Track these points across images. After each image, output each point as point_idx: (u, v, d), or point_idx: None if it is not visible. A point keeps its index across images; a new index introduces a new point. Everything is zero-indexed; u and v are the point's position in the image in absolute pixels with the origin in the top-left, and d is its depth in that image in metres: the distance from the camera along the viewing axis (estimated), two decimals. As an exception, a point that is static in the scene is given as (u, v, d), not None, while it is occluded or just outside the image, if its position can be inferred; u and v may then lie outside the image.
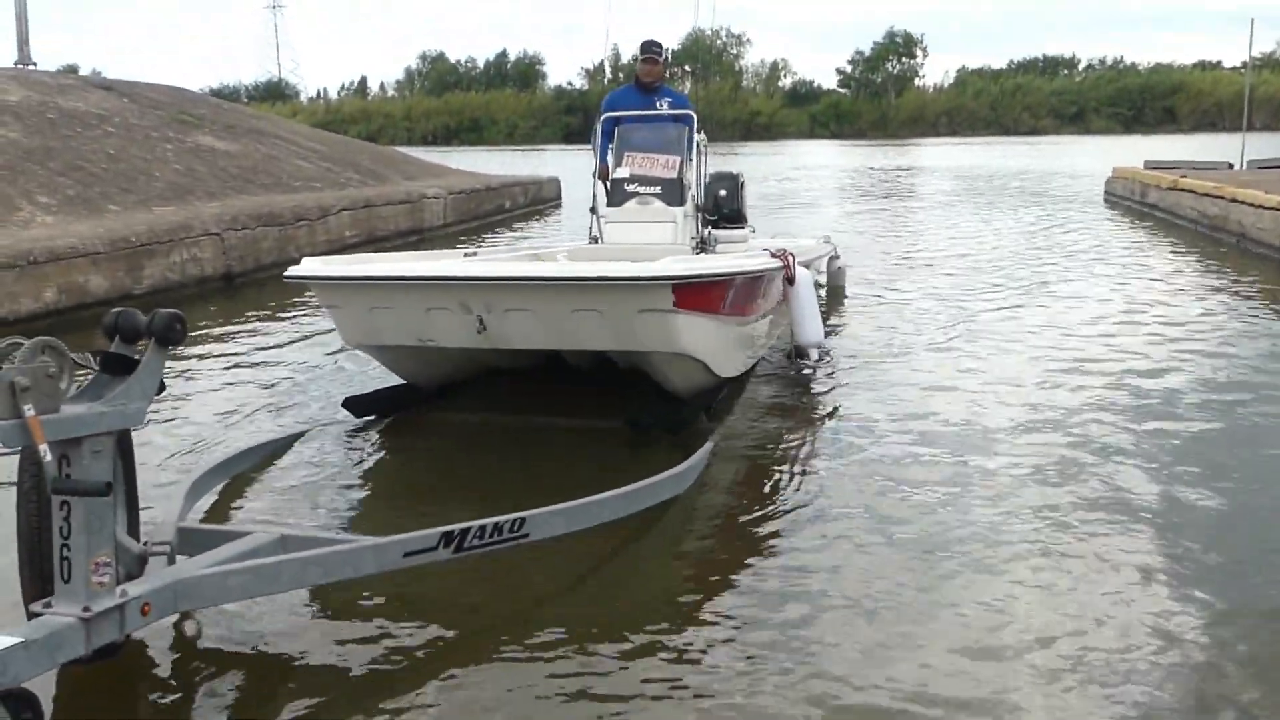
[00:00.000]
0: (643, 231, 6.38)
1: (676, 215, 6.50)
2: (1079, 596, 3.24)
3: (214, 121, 15.04)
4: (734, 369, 5.39)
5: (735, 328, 5.24)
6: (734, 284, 4.99)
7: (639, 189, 6.59)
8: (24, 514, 2.67)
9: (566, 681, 2.79)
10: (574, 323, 4.47)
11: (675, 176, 6.59)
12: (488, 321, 4.49)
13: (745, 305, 5.35)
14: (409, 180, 16.49)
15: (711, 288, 4.72)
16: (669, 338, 4.51)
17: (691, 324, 4.54)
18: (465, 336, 4.61)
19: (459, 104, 77.92)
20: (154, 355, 2.63)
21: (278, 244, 10.73)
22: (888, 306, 8.43)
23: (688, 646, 2.98)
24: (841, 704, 2.68)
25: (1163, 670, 2.80)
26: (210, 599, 2.85)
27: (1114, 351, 6.59)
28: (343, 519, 4.03)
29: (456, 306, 4.50)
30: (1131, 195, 17.88)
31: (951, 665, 2.84)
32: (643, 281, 4.31)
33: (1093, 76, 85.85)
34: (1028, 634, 3.00)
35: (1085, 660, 2.84)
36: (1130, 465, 4.44)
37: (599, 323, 4.45)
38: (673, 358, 4.70)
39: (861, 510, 3.97)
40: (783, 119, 77.96)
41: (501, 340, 4.62)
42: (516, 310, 4.46)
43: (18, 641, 2.31)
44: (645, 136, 6.81)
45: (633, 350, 4.73)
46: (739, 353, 5.45)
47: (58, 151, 10.87)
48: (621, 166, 6.70)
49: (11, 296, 7.42)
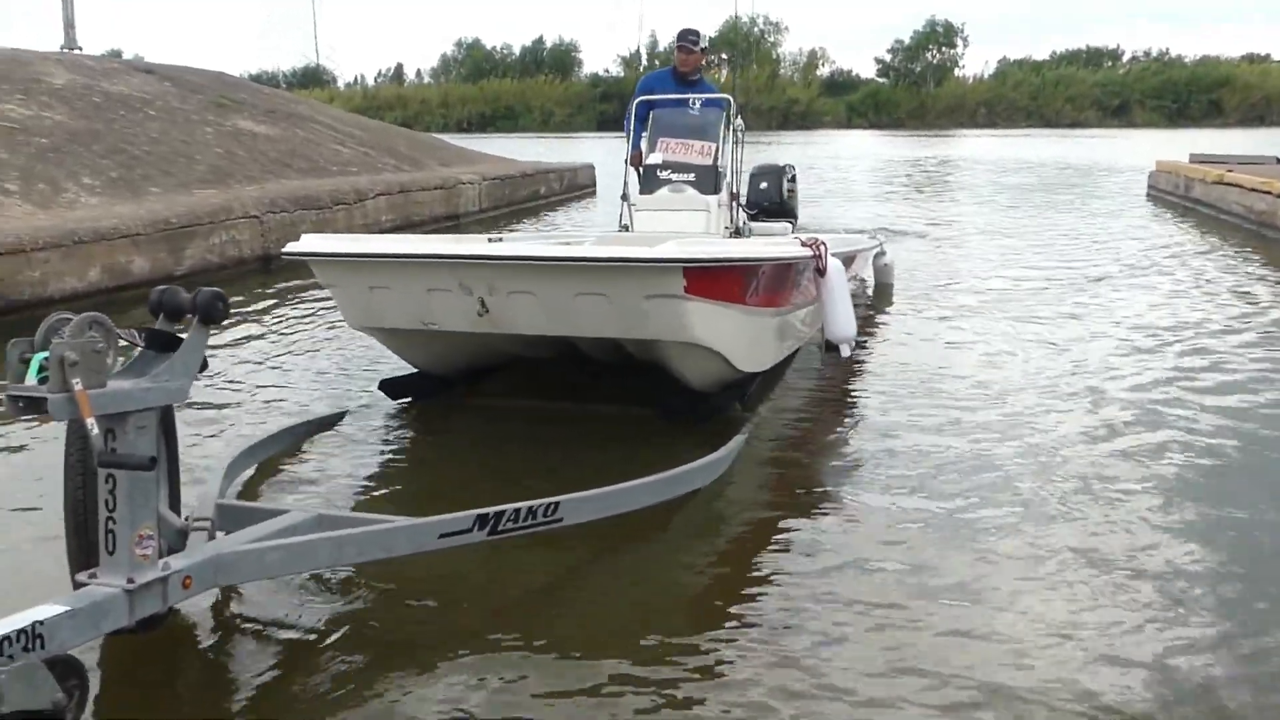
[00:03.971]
0: (674, 220, 6.15)
1: (710, 204, 6.28)
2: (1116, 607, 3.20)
3: (254, 106, 15.18)
4: (758, 363, 5.12)
5: (760, 319, 4.98)
6: (758, 272, 4.74)
7: (672, 176, 6.40)
8: (71, 486, 2.74)
9: (576, 676, 2.77)
10: (580, 308, 4.25)
11: (710, 163, 6.39)
12: (489, 304, 4.30)
13: (774, 295, 5.11)
14: (444, 166, 16.56)
15: (729, 274, 4.46)
16: (680, 326, 4.27)
17: (706, 312, 4.30)
18: (467, 320, 4.42)
19: (494, 91, 77.93)
20: (197, 333, 2.67)
21: (315, 227, 10.81)
22: (930, 305, 8.18)
23: (704, 649, 2.92)
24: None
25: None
26: (249, 574, 2.90)
27: (1160, 349, 6.49)
28: (377, 500, 4.08)
29: (456, 287, 4.30)
30: (1175, 190, 17.59)
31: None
32: (649, 264, 4.07)
33: (1137, 68, 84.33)
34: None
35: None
36: (1177, 464, 4.38)
37: (606, 308, 4.23)
38: (686, 348, 4.46)
39: (892, 507, 3.92)
40: (820, 108, 77.31)
41: (505, 325, 4.42)
42: (519, 293, 4.25)
43: (64, 610, 2.36)
44: (680, 121, 6.60)
45: (643, 339, 4.49)
46: (765, 346, 5.18)
47: (102, 134, 11.02)
48: (654, 152, 6.50)
49: (57, 275, 7.55)
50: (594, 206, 18.00)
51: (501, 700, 2.66)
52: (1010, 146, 41.60)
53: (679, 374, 4.73)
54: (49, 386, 2.36)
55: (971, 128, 69.95)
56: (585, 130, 65.77)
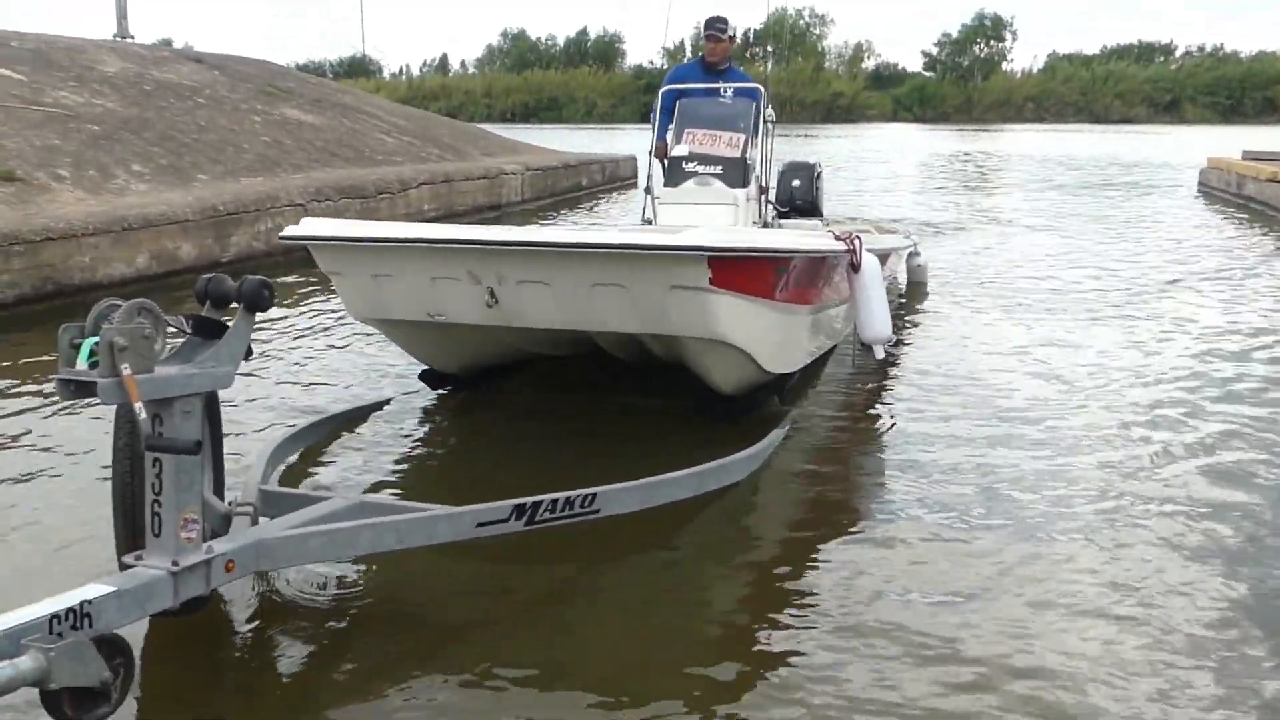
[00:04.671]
0: (699, 214, 5.82)
1: (738, 197, 6.01)
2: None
3: (301, 95, 15.34)
4: (787, 364, 4.83)
5: (790, 316, 4.65)
6: (789, 265, 4.41)
7: (698, 168, 6.11)
8: (118, 469, 2.79)
9: (592, 673, 2.77)
10: (596, 300, 3.94)
11: (738, 156, 6.11)
12: (499, 294, 4.02)
13: (805, 291, 4.80)
14: (488, 156, 16.63)
15: (758, 266, 4.13)
16: (705, 321, 3.97)
17: (733, 307, 3.99)
18: (476, 311, 4.14)
19: (538, 81, 78.20)
20: (242, 320, 2.71)
21: (359, 216, 10.91)
22: (966, 308, 7.90)
23: (724, 651, 2.89)
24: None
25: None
26: (290, 559, 2.94)
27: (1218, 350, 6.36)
28: (416, 488, 4.11)
29: (465, 276, 4.03)
30: (1227, 187, 17.25)
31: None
32: (672, 252, 3.75)
33: (1190, 64, 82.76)
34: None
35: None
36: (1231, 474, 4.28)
37: (625, 301, 3.92)
38: (711, 346, 4.16)
39: (927, 512, 3.83)
40: (864, 101, 76.70)
41: (516, 317, 4.13)
42: (530, 282, 3.96)
43: (110, 591, 2.41)
44: (708, 112, 6.32)
45: (664, 334, 4.19)
46: (795, 346, 4.87)
47: (152, 122, 11.19)
48: (681, 144, 6.23)
49: (107, 261, 7.69)
50: (635, 198, 17.98)
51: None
52: (1059, 142, 41.04)
53: (703, 374, 4.49)
54: (99, 371, 2.41)
55: (1018, 123, 68.96)
56: (628, 122, 65.67)
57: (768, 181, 6.43)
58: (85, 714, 2.26)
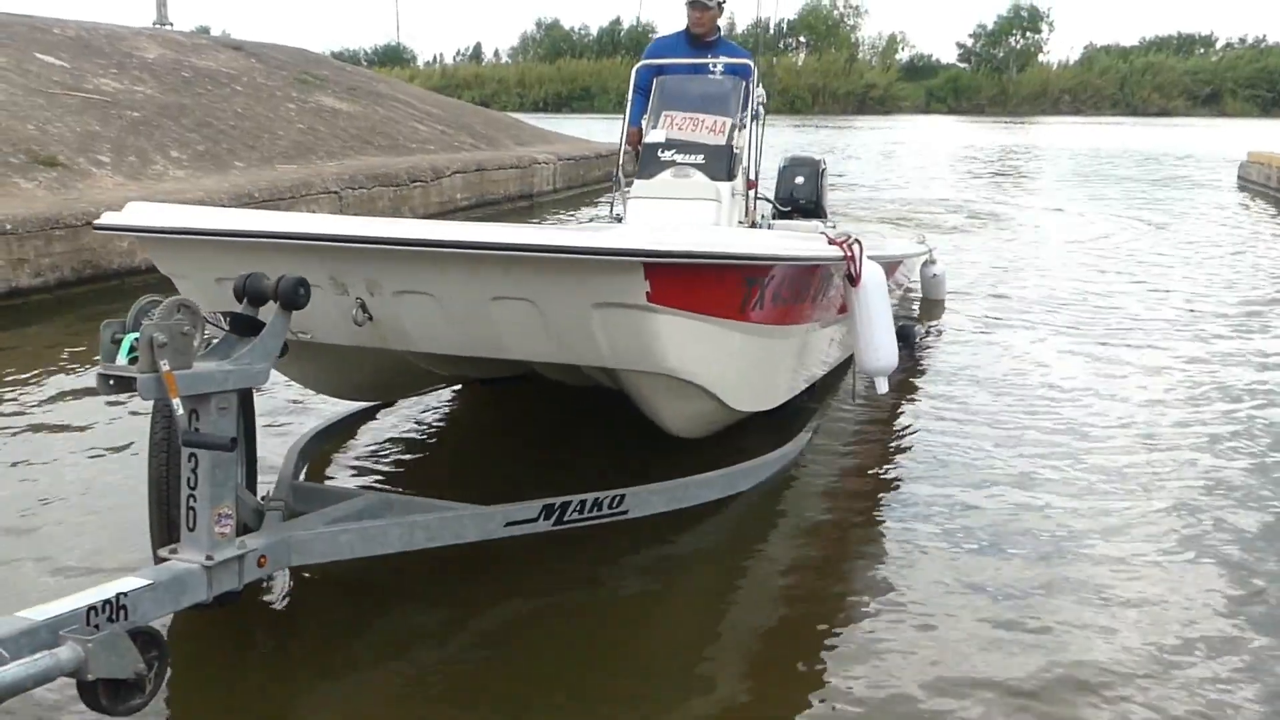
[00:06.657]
0: (676, 210, 4.97)
1: (721, 191, 5.05)
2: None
3: (336, 83, 15.43)
4: (762, 401, 3.97)
5: (766, 340, 3.75)
6: (766, 276, 3.44)
7: (676, 157, 5.17)
8: (155, 464, 2.83)
9: (613, 664, 2.80)
10: (498, 318, 2.97)
11: (723, 143, 5.15)
12: (371, 307, 3.04)
13: (787, 309, 3.84)
14: (520, 145, 16.66)
15: (718, 277, 3.16)
16: (642, 349, 3.01)
17: (682, 330, 3.03)
18: (342, 328, 3.14)
19: (571, 71, 78.07)
20: (278, 318, 2.73)
21: (393, 204, 11.00)
22: (989, 318, 7.23)
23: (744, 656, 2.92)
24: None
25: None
26: (322, 555, 2.96)
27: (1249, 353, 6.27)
28: (445, 485, 4.12)
29: (328, 282, 3.03)
30: (1268, 181, 17.00)
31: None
32: (595, 257, 2.76)
33: (1230, 55, 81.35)
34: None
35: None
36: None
37: (535, 321, 2.95)
38: (654, 381, 3.23)
39: (958, 512, 3.83)
40: (898, 92, 76.01)
41: (394, 337, 3.15)
42: (410, 293, 2.98)
43: (145, 584, 2.45)
44: (690, 91, 5.37)
45: (595, 366, 3.28)
46: (771, 379, 4.01)
47: (189, 108, 11.30)
48: (656, 128, 5.26)
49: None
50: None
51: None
52: (1095, 134, 40.52)
53: (649, 413, 3.56)
54: (138, 367, 2.45)
55: (1054, 115, 68.10)
56: (660, 111, 65.45)
57: (758, 173, 5.49)
58: (120, 705, 2.29)
